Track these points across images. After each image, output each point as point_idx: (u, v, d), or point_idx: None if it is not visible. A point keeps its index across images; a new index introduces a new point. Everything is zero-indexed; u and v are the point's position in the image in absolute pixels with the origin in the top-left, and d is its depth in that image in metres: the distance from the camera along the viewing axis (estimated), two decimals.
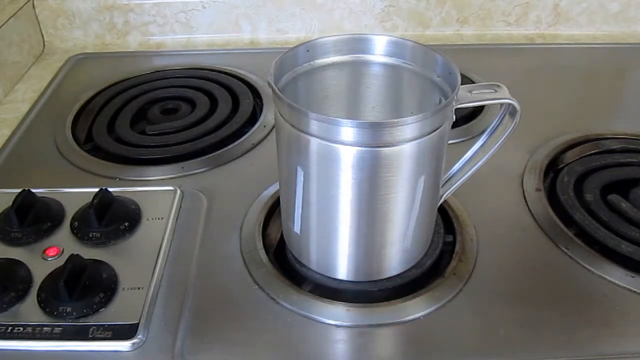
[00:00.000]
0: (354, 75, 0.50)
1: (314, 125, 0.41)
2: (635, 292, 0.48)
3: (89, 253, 0.50)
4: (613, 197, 0.57)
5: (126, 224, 0.53)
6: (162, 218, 0.55)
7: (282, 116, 0.43)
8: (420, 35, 0.92)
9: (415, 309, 0.47)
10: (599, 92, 0.77)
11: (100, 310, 0.46)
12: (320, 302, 0.47)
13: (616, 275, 0.49)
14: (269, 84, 0.43)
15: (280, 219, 0.53)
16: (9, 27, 0.81)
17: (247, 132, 0.69)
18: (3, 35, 0.79)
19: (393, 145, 0.40)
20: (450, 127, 0.45)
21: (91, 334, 0.44)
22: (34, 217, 0.53)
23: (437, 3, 0.90)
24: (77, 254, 0.47)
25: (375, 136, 0.40)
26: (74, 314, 0.45)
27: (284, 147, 0.45)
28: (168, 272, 0.50)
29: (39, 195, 0.55)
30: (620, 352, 0.44)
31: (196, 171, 0.63)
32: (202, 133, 0.68)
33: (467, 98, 0.44)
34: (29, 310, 0.46)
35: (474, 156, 0.49)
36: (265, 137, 0.68)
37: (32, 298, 0.47)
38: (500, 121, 0.47)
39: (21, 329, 0.45)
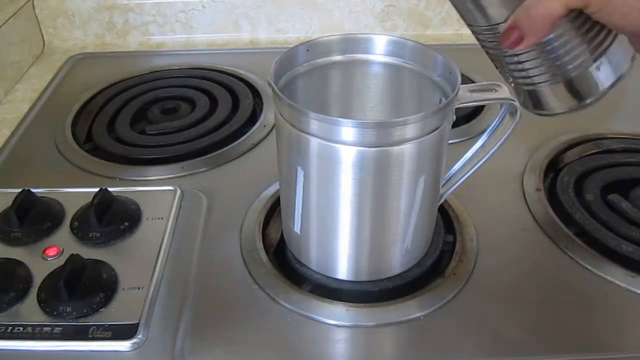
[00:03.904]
0: (354, 75, 0.50)
1: (314, 125, 0.41)
2: (635, 292, 0.48)
3: (89, 253, 0.50)
4: (613, 197, 0.57)
5: (126, 224, 0.53)
6: (162, 218, 0.55)
7: (282, 116, 0.43)
8: (420, 35, 0.92)
9: (415, 309, 0.47)
10: None
11: (100, 310, 0.46)
12: (320, 302, 0.47)
13: (616, 275, 0.49)
14: (269, 84, 0.43)
15: (280, 219, 0.53)
16: (9, 27, 0.81)
17: (247, 132, 0.69)
18: (3, 35, 0.79)
19: (393, 145, 0.40)
20: (450, 127, 0.45)
21: (91, 334, 0.44)
22: (34, 217, 0.53)
23: (437, 3, 0.90)
24: (77, 254, 0.47)
25: (376, 136, 0.40)
26: (74, 314, 0.45)
27: (284, 147, 0.45)
28: (168, 272, 0.50)
29: (39, 195, 0.55)
30: (621, 352, 0.44)
31: (196, 171, 0.63)
32: (202, 133, 0.68)
33: (467, 98, 0.44)
34: (29, 310, 0.46)
35: (474, 156, 0.49)
36: (265, 137, 0.68)
37: (32, 298, 0.47)
38: (501, 121, 0.47)
39: (21, 329, 0.45)
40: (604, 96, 0.39)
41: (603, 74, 0.38)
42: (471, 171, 0.49)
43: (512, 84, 0.42)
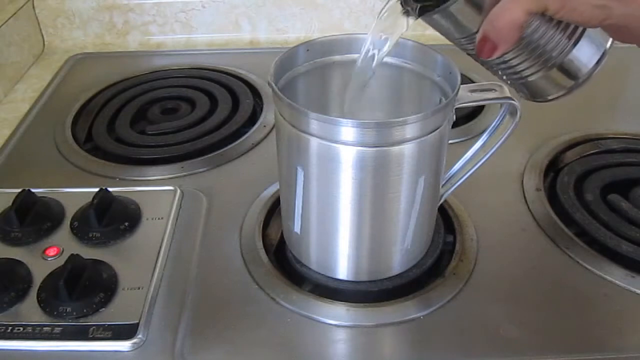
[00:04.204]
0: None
1: (314, 125, 0.41)
2: (635, 292, 0.48)
3: (89, 253, 0.50)
4: (613, 197, 0.57)
5: (126, 224, 0.53)
6: (162, 218, 0.55)
7: (282, 116, 0.43)
8: (420, 35, 0.91)
9: (415, 309, 0.47)
10: (599, 92, 0.77)
11: (100, 310, 0.46)
12: (320, 302, 0.47)
13: (616, 275, 0.49)
14: (269, 83, 0.43)
15: (280, 219, 0.53)
16: (9, 27, 0.81)
17: (247, 132, 0.69)
18: (3, 35, 0.79)
19: (393, 145, 0.40)
20: (450, 127, 0.45)
21: (91, 334, 0.44)
22: (34, 217, 0.53)
23: None
24: (77, 254, 0.47)
25: (376, 136, 0.40)
26: (74, 313, 0.45)
27: (284, 147, 0.45)
28: (168, 272, 0.50)
29: (39, 195, 0.55)
30: (620, 352, 0.44)
31: (196, 171, 0.63)
32: (202, 133, 0.68)
33: (467, 98, 0.44)
34: (29, 310, 0.46)
35: (474, 156, 0.49)
36: (265, 137, 0.68)
37: (32, 298, 0.47)
38: (501, 121, 0.47)
39: (21, 329, 0.45)
40: (593, 74, 0.40)
41: (586, 55, 0.40)
42: (471, 171, 0.49)
43: (507, 81, 0.43)
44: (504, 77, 0.43)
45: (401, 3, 0.40)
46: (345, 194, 0.43)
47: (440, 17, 0.37)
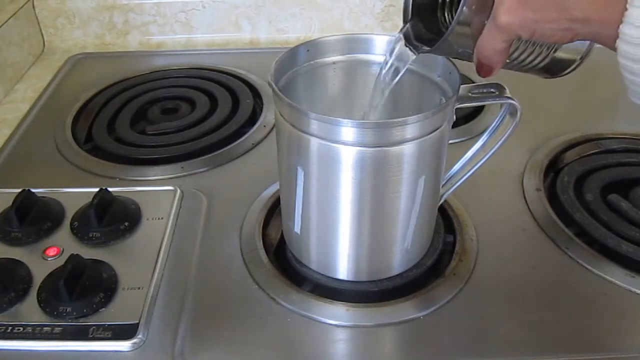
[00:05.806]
0: (354, 75, 0.50)
1: (314, 125, 0.41)
2: (635, 292, 0.48)
3: (89, 253, 0.50)
4: (613, 197, 0.57)
5: (126, 224, 0.53)
6: (162, 218, 0.55)
7: (282, 116, 0.43)
8: None
9: (415, 309, 0.47)
10: (599, 92, 0.77)
11: (100, 310, 0.46)
12: (320, 302, 0.47)
13: (616, 275, 0.49)
14: (269, 83, 0.43)
15: (280, 219, 0.53)
16: (9, 27, 0.81)
17: (247, 132, 0.69)
18: (3, 35, 0.79)
19: (393, 145, 0.40)
20: (450, 127, 0.45)
21: (91, 334, 0.44)
22: (34, 217, 0.53)
23: None
24: (77, 254, 0.47)
25: (376, 136, 0.40)
26: (74, 314, 0.45)
27: (284, 147, 0.45)
28: (168, 272, 0.50)
29: (39, 195, 0.55)
30: (620, 352, 0.44)
31: (196, 171, 0.63)
32: (202, 133, 0.68)
33: (467, 98, 0.44)
34: (29, 310, 0.46)
35: (474, 156, 0.49)
36: (265, 137, 0.68)
37: (32, 298, 0.47)
38: (501, 121, 0.47)
39: (21, 329, 0.45)
40: (593, 47, 0.43)
41: None
42: (471, 171, 0.49)
43: (525, 71, 0.45)
44: (522, 69, 0.45)
45: (405, 44, 0.44)
46: (345, 194, 0.43)
47: (441, 48, 0.40)
